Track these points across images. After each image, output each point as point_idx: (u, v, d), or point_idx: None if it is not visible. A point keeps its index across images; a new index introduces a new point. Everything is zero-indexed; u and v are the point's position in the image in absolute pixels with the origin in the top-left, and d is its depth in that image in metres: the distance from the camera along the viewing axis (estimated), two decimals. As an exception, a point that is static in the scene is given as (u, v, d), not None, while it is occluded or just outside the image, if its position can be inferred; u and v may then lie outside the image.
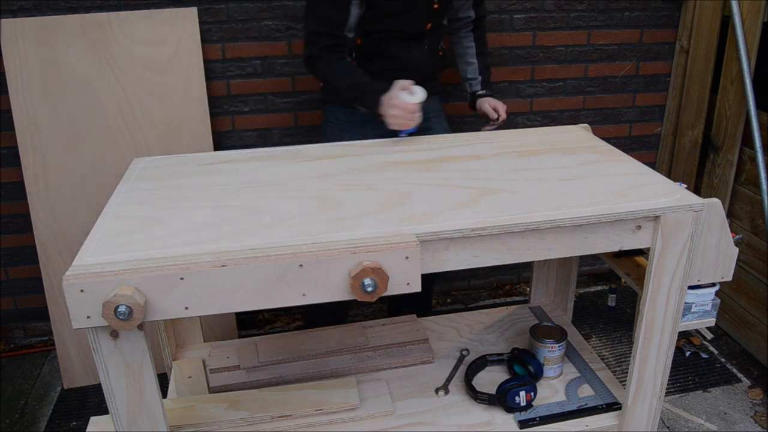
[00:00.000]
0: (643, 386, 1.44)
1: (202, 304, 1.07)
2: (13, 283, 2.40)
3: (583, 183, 1.37)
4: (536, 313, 1.92)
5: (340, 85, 1.74)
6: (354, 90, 1.70)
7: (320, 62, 1.73)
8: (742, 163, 2.27)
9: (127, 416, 1.14)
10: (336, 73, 1.73)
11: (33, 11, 2.05)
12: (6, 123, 2.14)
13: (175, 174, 1.47)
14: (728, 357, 2.35)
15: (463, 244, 1.19)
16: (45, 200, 2.13)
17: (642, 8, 2.46)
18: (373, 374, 1.64)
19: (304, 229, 1.17)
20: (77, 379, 2.25)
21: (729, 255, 1.33)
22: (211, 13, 2.16)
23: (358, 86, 1.70)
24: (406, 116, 1.61)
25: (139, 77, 2.11)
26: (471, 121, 2.50)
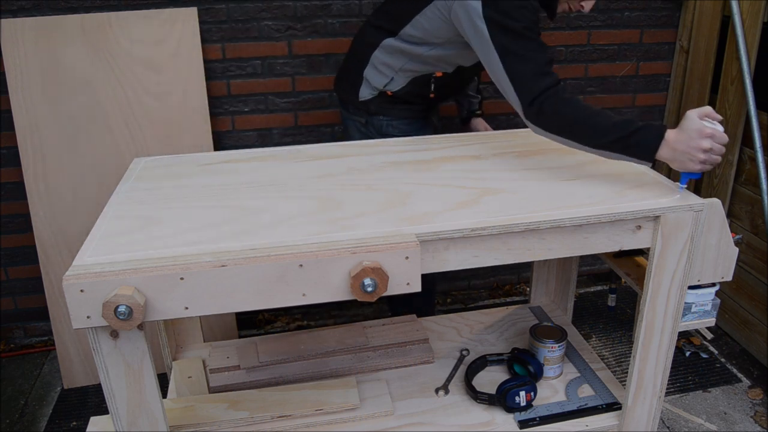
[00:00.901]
0: (643, 386, 1.44)
1: (202, 304, 1.07)
2: (13, 283, 2.40)
3: (583, 183, 1.37)
4: (536, 313, 1.92)
5: (600, 124, 1.33)
6: (624, 127, 1.31)
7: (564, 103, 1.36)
8: (742, 163, 2.27)
9: (127, 416, 1.14)
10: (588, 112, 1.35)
11: (33, 11, 2.05)
12: (6, 123, 2.14)
13: (175, 174, 1.47)
14: (728, 357, 2.35)
15: (463, 244, 1.19)
16: (45, 200, 2.13)
17: (642, 8, 2.46)
18: (373, 374, 1.64)
19: (304, 229, 1.17)
20: (77, 379, 2.25)
21: (729, 255, 1.33)
22: (211, 13, 2.16)
23: (626, 122, 1.31)
24: (720, 150, 1.26)
25: (139, 77, 2.11)
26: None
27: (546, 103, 1.37)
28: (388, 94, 1.80)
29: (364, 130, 1.90)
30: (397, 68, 1.75)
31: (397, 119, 1.84)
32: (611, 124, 1.32)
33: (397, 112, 1.83)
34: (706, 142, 1.23)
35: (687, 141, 1.25)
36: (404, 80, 1.76)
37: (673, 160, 1.28)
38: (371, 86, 1.81)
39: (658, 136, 1.28)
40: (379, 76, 1.78)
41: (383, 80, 1.78)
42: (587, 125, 1.35)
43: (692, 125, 1.25)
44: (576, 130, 1.36)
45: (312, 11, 2.22)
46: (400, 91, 1.78)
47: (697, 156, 1.25)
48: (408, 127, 1.86)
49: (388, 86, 1.78)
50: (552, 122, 1.38)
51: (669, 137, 1.27)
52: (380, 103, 1.82)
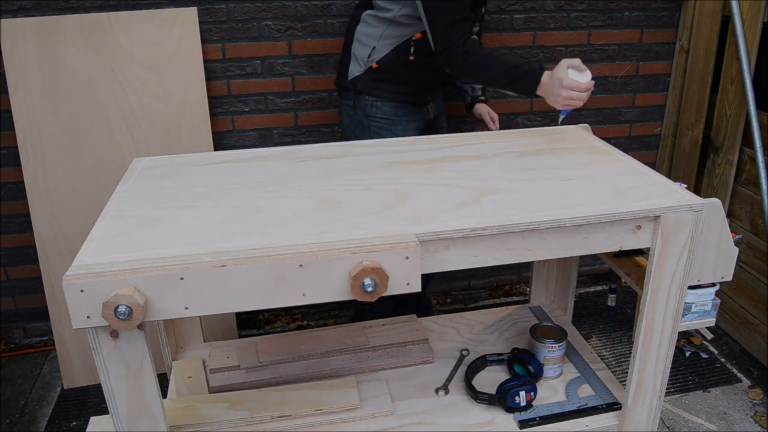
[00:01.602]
0: (643, 386, 1.44)
1: (202, 304, 1.07)
2: (13, 283, 2.40)
3: (583, 183, 1.37)
4: (536, 313, 1.92)
5: (494, 71, 1.63)
6: (511, 73, 1.59)
7: (468, 53, 1.63)
8: (742, 163, 2.27)
9: (127, 416, 1.14)
10: (487, 60, 1.63)
11: (33, 11, 2.05)
12: (6, 123, 2.14)
13: (175, 174, 1.47)
14: (728, 357, 2.35)
15: (463, 244, 1.19)
16: (45, 200, 2.13)
17: (642, 8, 2.46)
18: (373, 374, 1.64)
19: (304, 229, 1.17)
20: (77, 379, 2.25)
21: (729, 255, 1.33)
22: (211, 13, 2.16)
23: (514, 69, 1.60)
24: (578, 96, 1.50)
25: (139, 77, 2.11)
26: (471, 121, 2.50)
27: (453, 55, 1.65)
28: (374, 66, 1.88)
29: (352, 113, 1.96)
30: (377, 36, 1.85)
31: (382, 100, 1.90)
32: (501, 72, 1.61)
33: (382, 92, 1.90)
34: (563, 92, 1.49)
35: (552, 87, 1.52)
36: (386, 47, 1.85)
37: (546, 98, 1.56)
38: (358, 61, 1.90)
39: (536, 80, 1.55)
40: (363, 48, 1.88)
41: (367, 50, 1.87)
42: (483, 74, 1.68)
43: (557, 73, 1.50)
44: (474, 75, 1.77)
45: (312, 11, 2.22)
46: (384, 60, 1.86)
47: (559, 100, 1.51)
48: (393, 110, 1.91)
49: (372, 56, 1.87)
50: (456, 69, 1.70)
51: (543, 80, 1.54)
52: (367, 81, 1.90)
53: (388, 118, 1.92)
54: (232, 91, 2.27)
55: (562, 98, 1.50)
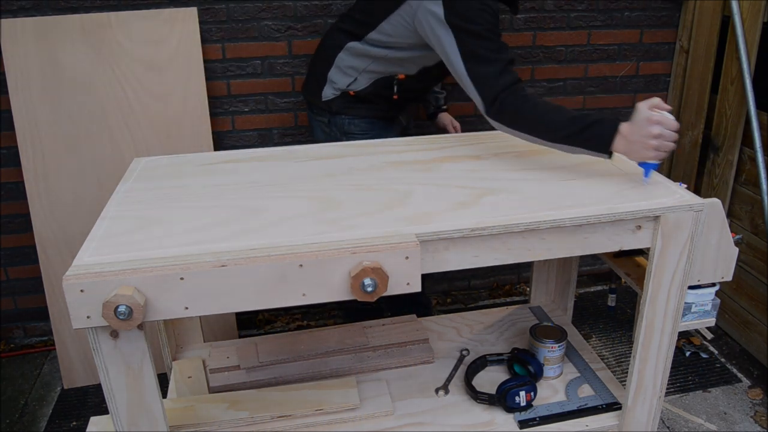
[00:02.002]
0: (643, 386, 1.44)
1: (202, 304, 1.07)
2: (13, 283, 2.40)
3: (583, 183, 1.37)
4: (536, 313, 1.92)
5: (557, 120, 1.38)
6: (576, 123, 1.35)
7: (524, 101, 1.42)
8: (742, 163, 2.27)
9: (127, 416, 1.14)
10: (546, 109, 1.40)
11: (33, 11, 2.05)
12: (6, 123, 2.14)
13: (175, 174, 1.47)
14: (728, 357, 2.35)
15: (463, 244, 1.19)
16: (45, 200, 2.13)
17: (642, 8, 2.46)
18: (373, 374, 1.64)
19: (304, 229, 1.17)
20: (77, 379, 2.25)
21: (729, 255, 1.33)
22: (211, 13, 2.16)
23: (579, 119, 1.36)
24: (671, 136, 1.28)
25: (139, 77, 2.11)
26: (471, 120, 2.50)
27: (506, 102, 1.42)
28: (350, 94, 1.84)
29: (327, 130, 1.94)
30: (360, 69, 1.81)
31: (359, 118, 1.88)
32: (567, 119, 1.36)
33: (359, 111, 1.88)
34: (655, 129, 1.26)
35: (638, 131, 1.28)
36: (367, 81, 1.81)
37: (628, 151, 1.32)
38: (334, 87, 1.86)
39: (613, 129, 1.31)
40: (343, 76, 1.84)
41: (347, 80, 1.83)
42: (545, 121, 1.39)
43: (641, 115, 1.28)
44: (534, 126, 1.41)
45: (312, 11, 2.22)
46: (363, 92, 1.83)
47: (649, 143, 1.27)
48: (369, 126, 1.89)
49: (351, 86, 1.83)
50: (512, 119, 1.43)
51: (623, 129, 1.30)
52: (342, 103, 1.87)
53: (364, 132, 1.90)
54: (232, 91, 2.27)
55: (653, 137, 1.26)
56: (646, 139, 1.27)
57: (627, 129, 1.30)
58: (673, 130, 1.28)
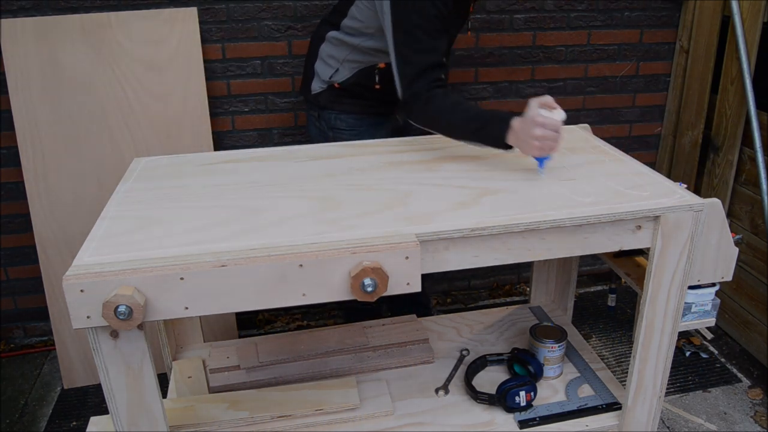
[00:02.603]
0: (643, 386, 1.44)
1: (202, 304, 1.07)
2: (13, 283, 2.40)
3: (583, 183, 1.37)
4: (536, 313, 1.92)
5: (457, 119, 1.46)
6: (475, 121, 1.43)
7: (432, 100, 1.48)
8: (742, 163, 2.27)
9: (127, 416, 1.14)
10: (452, 108, 1.47)
11: (33, 11, 2.05)
12: (6, 123, 2.14)
13: (175, 174, 1.47)
14: (728, 357, 2.35)
15: (463, 244, 1.19)
16: (45, 200, 2.13)
17: (642, 8, 2.46)
18: (373, 374, 1.64)
19: (304, 229, 1.17)
20: (77, 379, 2.25)
21: (729, 255, 1.33)
22: (211, 13, 2.16)
23: (479, 116, 1.44)
24: (553, 136, 1.33)
25: (139, 77, 2.11)
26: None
27: (416, 103, 1.51)
28: (336, 86, 1.84)
29: (318, 124, 1.94)
30: (341, 59, 1.80)
31: (346, 113, 1.88)
32: (467, 119, 1.45)
33: (346, 106, 1.87)
34: (537, 131, 1.32)
35: (524, 129, 1.34)
36: (349, 71, 1.81)
37: (519, 146, 1.39)
38: (321, 79, 1.87)
39: (505, 127, 1.38)
40: (326, 68, 1.84)
41: (330, 71, 1.83)
42: (448, 121, 1.48)
43: (528, 114, 1.34)
44: (437, 124, 1.51)
45: (312, 11, 2.22)
46: (347, 83, 1.82)
47: (533, 143, 1.34)
48: (357, 122, 1.88)
49: (334, 77, 1.83)
50: (417, 118, 1.53)
51: (514, 125, 1.37)
52: (329, 97, 1.87)
53: (352, 129, 1.89)
54: (232, 91, 2.27)
55: (536, 139, 1.33)
56: (530, 139, 1.34)
57: (517, 125, 1.36)
58: (556, 130, 1.34)
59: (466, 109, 1.47)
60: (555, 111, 1.34)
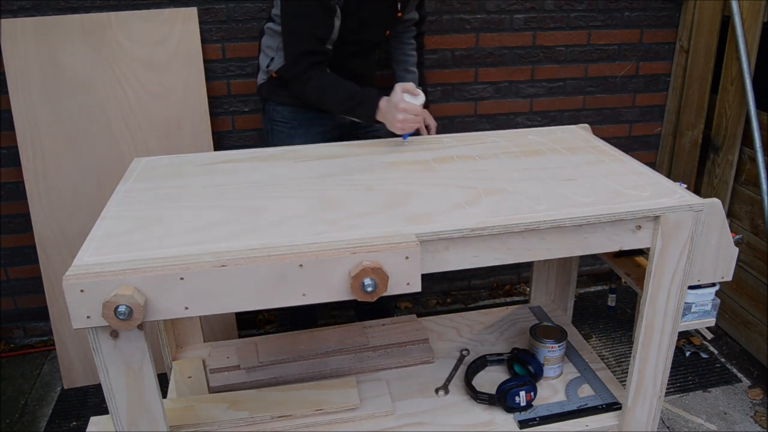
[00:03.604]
0: (643, 386, 1.44)
1: (202, 304, 1.07)
2: (13, 283, 2.40)
3: (583, 183, 1.37)
4: (536, 313, 1.92)
5: (333, 99, 1.68)
6: (349, 101, 1.65)
7: (308, 81, 1.67)
8: (742, 163, 2.27)
9: (127, 416, 1.14)
10: (326, 89, 1.68)
11: (33, 11, 2.05)
12: (6, 123, 2.14)
13: (175, 174, 1.47)
14: (728, 357, 2.35)
15: (463, 244, 1.19)
16: (45, 200, 2.12)
17: (642, 8, 2.46)
18: (373, 374, 1.64)
19: (304, 229, 1.17)
20: (77, 379, 2.25)
21: (729, 255, 1.33)
22: (211, 13, 2.16)
23: (352, 97, 1.64)
24: (413, 119, 1.56)
25: (139, 77, 2.11)
26: (471, 121, 2.50)
27: (296, 84, 1.70)
28: (273, 75, 1.87)
29: (264, 118, 1.97)
30: (275, 47, 1.84)
31: (281, 105, 1.89)
32: (342, 99, 1.65)
33: (282, 97, 1.88)
34: (399, 115, 1.55)
35: (388, 111, 1.57)
36: (283, 59, 1.81)
37: (385, 123, 1.60)
38: (262, 70, 1.91)
39: (373, 107, 1.60)
40: (265, 58, 1.89)
41: (267, 60, 1.88)
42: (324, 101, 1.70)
43: (393, 99, 1.56)
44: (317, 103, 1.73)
45: (312, 11, 2.21)
46: (282, 71, 1.84)
47: (396, 124, 1.56)
48: (293, 114, 1.89)
49: (270, 66, 1.86)
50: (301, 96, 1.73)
51: (381, 106, 1.59)
52: (269, 88, 1.90)
53: (287, 122, 1.90)
54: (232, 91, 2.27)
55: (398, 122, 1.55)
56: (394, 121, 1.56)
57: (383, 106, 1.58)
58: (416, 114, 1.56)
59: (339, 89, 1.66)
60: (417, 97, 1.56)
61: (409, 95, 1.55)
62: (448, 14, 2.32)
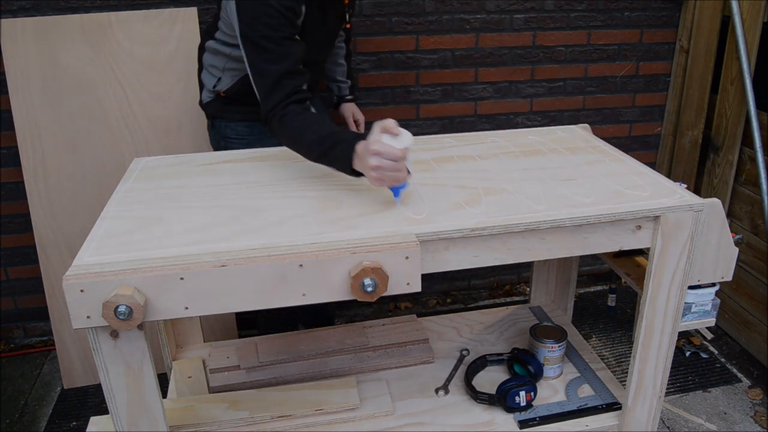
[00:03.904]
0: (643, 386, 1.44)
1: (202, 304, 1.07)
2: (13, 283, 2.40)
3: (583, 183, 1.37)
4: (536, 313, 1.92)
5: (307, 140, 1.34)
6: (325, 140, 1.30)
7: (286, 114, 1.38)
8: (742, 163, 2.27)
9: (127, 416, 1.14)
10: (303, 124, 1.36)
11: (33, 11, 2.05)
12: (6, 123, 2.14)
13: (175, 174, 1.47)
14: (728, 357, 2.35)
15: (463, 244, 1.19)
16: (45, 200, 2.13)
17: (642, 8, 2.46)
18: (373, 374, 1.64)
19: (304, 229, 1.17)
20: (77, 379, 2.25)
21: (729, 255, 1.33)
22: (211, 13, 2.16)
23: (329, 136, 1.30)
24: (391, 166, 1.18)
25: (139, 77, 2.11)
26: (471, 121, 2.50)
27: (272, 122, 1.39)
28: (221, 95, 1.80)
29: (212, 134, 1.90)
30: (221, 68, 1.76)
31: (234, 122, 1.82)
32: (316, 139, 1.32)
33: (234, 114, 1.81)
34: (372, 160, 1.18)
35: (363, 157, 1.20)
36: (230, 79, 1.75)
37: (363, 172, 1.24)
38: (207, 89, 1.82)
39: (350, 151, 1.23)
40: (210, 77, 1.80)
41: (213, 81, 1.78)
42: (300, 142, 1.37)
43: (370, 138, 1.20)
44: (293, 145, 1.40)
45: (312, 11, 2.21)
46: (231, 91, 1.77)
47: (369, 173, 1.20)
48: (248, 130, 1.82)
49: (217, 86, 1.78)
50: (277, 134, 1.41)
51: (359, 149, 1.22)
52: (217, 106, 1.83)
53: (242, 138, 1.83)
54: (232, 91, 2.27)
55: (371, 168, 1.18)
56: (368, 169, 1.20)
57: (361, 150, 1.21)
58: (395, 159, 1.17)
59: (315, 129, 1.33)
60: (398, 137, 1.19)
61: (388, 135, 1.20)
62: (448, 14, 2.32)
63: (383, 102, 2.40)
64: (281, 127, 1.38)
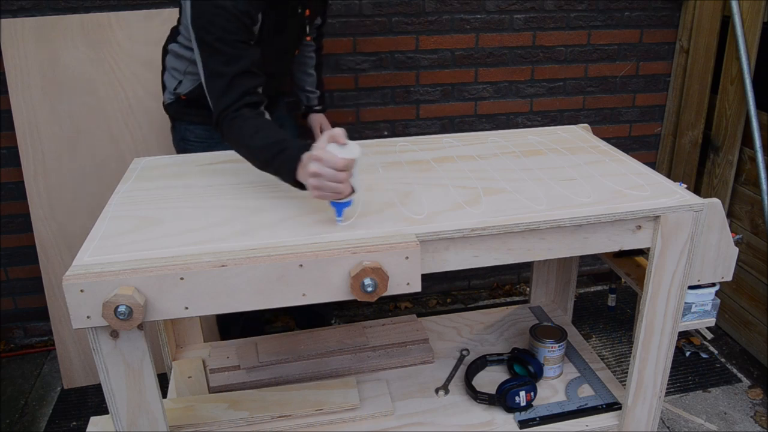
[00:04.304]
0: (643, 386, 1.44)
1: (202, 304, 1.07)
2: (13, 283, 2.40)
3: (583, 183, 1.37)
4: (536, 313, 1.92)
5: (256, 144, 1.28)
6: (271, 148, 1.24)
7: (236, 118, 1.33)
8: (742, 163, 2.27)
9: (127, 416, 1.14)
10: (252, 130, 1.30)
11: (33, 11, 2.05)
12: (6, 123, 2.14)
13: (175, 174, 1.47)
14: (728, 357, 2.35)
15: (463, 244, 1.19)
16: (45, 200, 2.13)
17: (642, 8, 2.46)
18: (373, 374, 1.64)
19: (304, 229, 1.17)
20: (77, 379, 2.25)
21: (729, 255, 1.33)
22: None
23: (274, 144, 1.24)
24: (330, 175, 1.11)
25: (139, 77, 2.11)
26: (471, 121, 2.50)
27: (223, 124, 1.35)
28: (182, 97, 1.79)
29: (173, 136, 1.89)
30: (182, 71, 1.74)
31: (193, 124, 1.81)
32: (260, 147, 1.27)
33: (193, 117, 1.80)
34: (312, 166, 1.11)
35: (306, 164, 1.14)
36: (191, 83, 1.74)
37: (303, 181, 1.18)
38: (168, 91, 1.81)
39: (295, 160, 1.18)
40: (172, 79, 1.78)
41: (174, 83, 1.78)
42: (245, 149, 1.33)
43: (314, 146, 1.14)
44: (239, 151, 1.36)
45: (312, 11, 2.21)
46: (192, 94, 1.75)
47: (308, 180, 1.13)
48: (207, 133, 1.81)
49: (178, 89, 1.77)
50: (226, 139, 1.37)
51: (304, 159, 1.16)
52: (178, 108, 1.82)
53: (202, 141, 1.82)
54: (232, 91, 2.27)
55: (309, 175, 1.12)
56: (306, 177, 1.13)
57: (306, 158, 1.16)
58: (334, 168, 1.10)
59: (265, 136, 1.26)
60: (345, 147, 1.13)
61: (335, 145, 1.13)
62: (448, 14, 2.32)
63: (383, 102, 2.40)
64: (230, 131, 1.32)
